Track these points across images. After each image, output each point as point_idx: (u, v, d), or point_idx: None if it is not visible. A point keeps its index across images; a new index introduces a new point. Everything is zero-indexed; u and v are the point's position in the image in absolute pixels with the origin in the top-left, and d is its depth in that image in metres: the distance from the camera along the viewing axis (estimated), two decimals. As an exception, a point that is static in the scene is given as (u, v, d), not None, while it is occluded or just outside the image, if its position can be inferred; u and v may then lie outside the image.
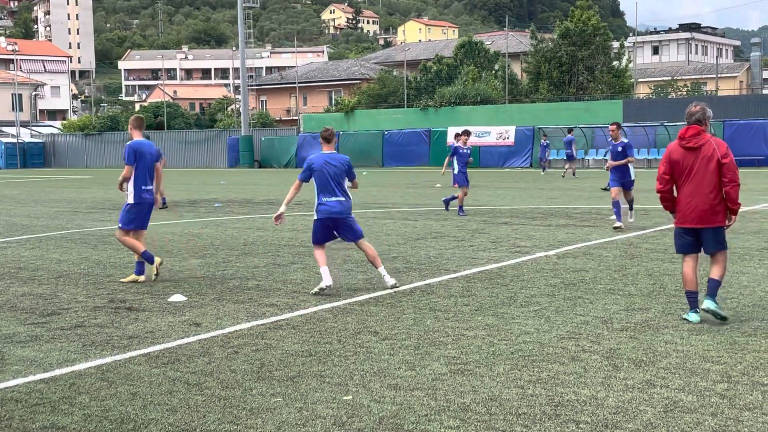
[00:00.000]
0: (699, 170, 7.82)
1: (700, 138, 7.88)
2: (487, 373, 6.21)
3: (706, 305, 7.73)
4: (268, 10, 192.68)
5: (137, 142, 10.79)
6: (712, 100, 52.24)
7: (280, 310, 8.68)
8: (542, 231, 15.55)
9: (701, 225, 7.86)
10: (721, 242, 7.92)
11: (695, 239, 7.97)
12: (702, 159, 7.82)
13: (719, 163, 7.76)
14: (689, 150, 7.91)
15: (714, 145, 7.84)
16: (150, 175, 10.82)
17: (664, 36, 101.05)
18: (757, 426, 4.99)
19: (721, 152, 7.79)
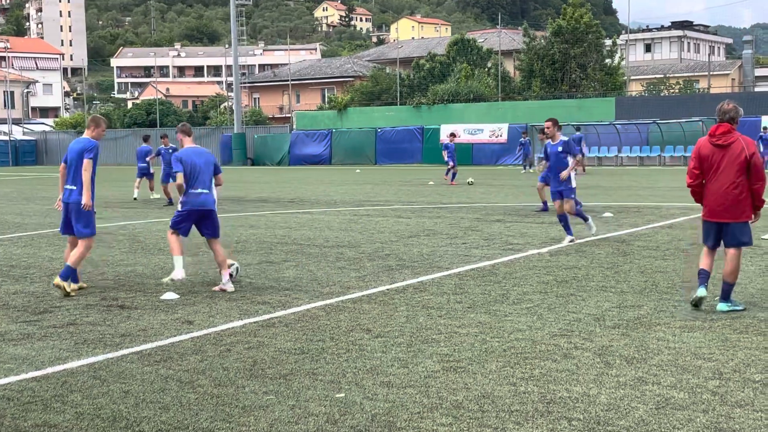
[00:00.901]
0: (726, 167, 8.09)
1: (730, 136, 8.14)
2: (479, 370, 6.22)
3: (720, 308, 8.10)
4: (261, 8, 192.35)
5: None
6: (704, 98, 52.35)
7: (273, 307, 8.68)
8: (535, 228, 15.56)
9: (726, 220, 8.18)
10: (743, 237, 8.20)
11: (718, 233, 8.30)
12: (730, 156, 8.08)
13: (747, 161, 8.02)
14: (718, 147, 8.16)
15: (743, 144, 8.10)
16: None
17: (657, 34, 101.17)
18: (748, 423, 5.01)
19: (749, 151, 8.05)
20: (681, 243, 13.07)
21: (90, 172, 9.82)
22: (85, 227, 9.84)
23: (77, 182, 9.83)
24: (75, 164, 9.88)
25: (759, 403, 5.36)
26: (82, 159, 9.80)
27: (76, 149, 9.91)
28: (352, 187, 30.94)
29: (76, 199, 9.80)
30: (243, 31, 66.64)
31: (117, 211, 21.29)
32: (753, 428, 4.92)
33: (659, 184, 28.84)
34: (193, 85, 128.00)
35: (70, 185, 9.89)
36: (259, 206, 22.32)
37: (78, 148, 9.91)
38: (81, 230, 9.82)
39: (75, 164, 9.88)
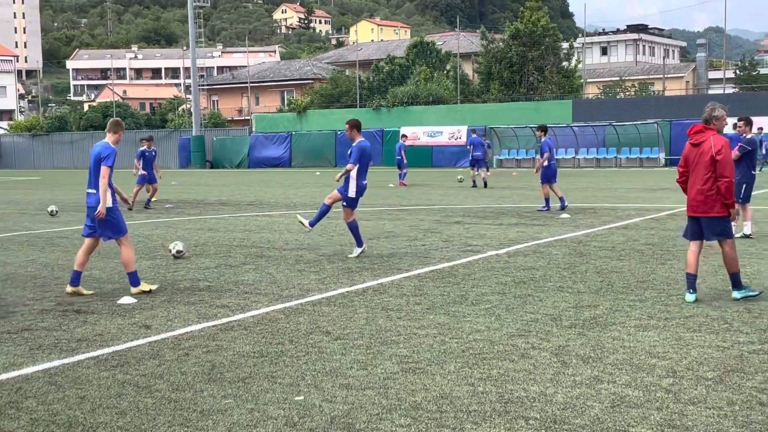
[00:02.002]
0: (698, 165, 8.70)
1: (703, 135, 8.74)
2: (438, 371, 6.26)
3: (735, 296, 8.66)
4: (219, 10, 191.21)
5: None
6: (659, 101, 53.16)
7: (232, 311, 8.64)
8: (493, 230, 15.68)
9: (698, 214, 8.74)
10: (719, 232, 8.68)
11: (698, 227, 8.83)
12: (701, 154, 8.68)
13: (713, 159, 8.54)
14: (693, 146, 8.82)
15: (711, 143, 8.62)
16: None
17: (613, 37, 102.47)
18: (701, 420, 5.11)
19: (715, 149, 8.56)
20: (636, 243, 13.26)
21: (107, 179, 9.70)
22: (113, 230, 9.74)
23: (95, 186, 9.74)
24: (93, 168, 9.83)
25: (711, 400, 5.46)
26: (99, 164, 9.71)
27: (94, 153, 9.84)
28: (312, 189, 30.89)
29: (96, 203, 9.68)
30: (201, 33, 66.14)
31: (73, 215, 21.01)
32: (705, 425, 5.01)
33: (615, 186, 29.21)
34: (150, 87, 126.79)
35: (90, 189, 9.85)
36: (218, 209, 22.19)
37: (95, 152, 9.82)
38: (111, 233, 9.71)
39: (93, 168, 9.83)
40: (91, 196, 9.76)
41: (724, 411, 5.24)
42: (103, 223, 9.66)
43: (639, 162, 47.23)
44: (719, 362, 6.33)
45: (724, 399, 5.47)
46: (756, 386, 5.72)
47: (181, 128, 67.70)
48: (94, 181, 9.73)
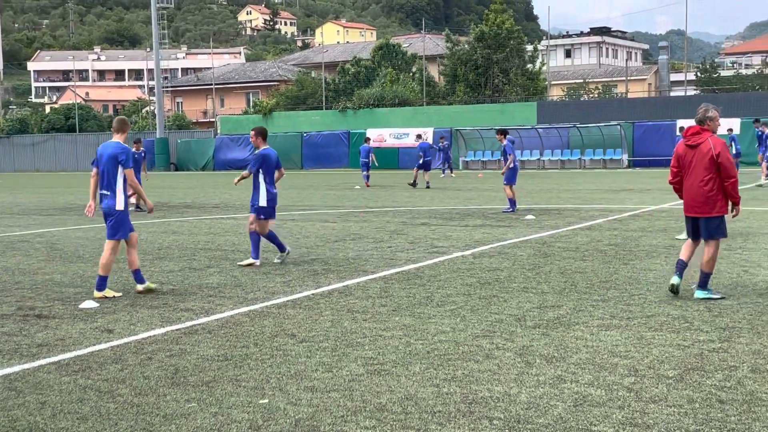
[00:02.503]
0: (696, 165, 8.80)
1: (700, 137, 8.85)
2: (403, 372, 6.27)
3: (697, 295, 8.77)
4: (183, 11, 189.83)
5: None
6: (622, 103, 53.71)
7: (196, 314, 8.58)
8: (459, 231, 15.74)
9: (697, 214, 8.89)
10: (714, 231, 8.84)
11: (695, 227, 9.02)
12: (699, 155, 8.78)
13: (713, 160, 8.68)
14: (690, 147, 8.92)
15: (710, 144, 8.74)
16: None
17: (576, 39, 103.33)
18: (662, 417, 5.17)
19: (716, 151, 8.70)
20: (599, 244, 13.38)
21: (134, 179, 9.76)
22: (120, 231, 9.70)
23: (110, 187, 9.64)
24: (107, 169, 9.67)
25: (672, 398, 5.53)
26: (115, 165, 9.63)
27: (108, 154, 9.67)
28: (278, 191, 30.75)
29: (110, 204, 9.64)
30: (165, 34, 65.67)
31: (34, 219, 20.75)
32: (666, 423, 5.08)
33: (579, 187, 29.45)
34: (113, 89, 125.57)
35: (104, 190, 9.73)
36: (182, 212, 22.03)
37: (110, 153, 9.66)
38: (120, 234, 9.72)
39: (107, 169, 9.67)
40: (104, 198, 9.70)
41: (684, 409, 5.31)
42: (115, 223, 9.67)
43: (603, 163, 47.67)
44: (680, 361, 6.41)
45: (684, 397, 5.54)
46: (715, 384, 5.80)
47: (144, 130, 67.11)
48: (107, 182, 9.67)
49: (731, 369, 6.16)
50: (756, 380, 5.87)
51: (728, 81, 69.53)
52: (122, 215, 9.70)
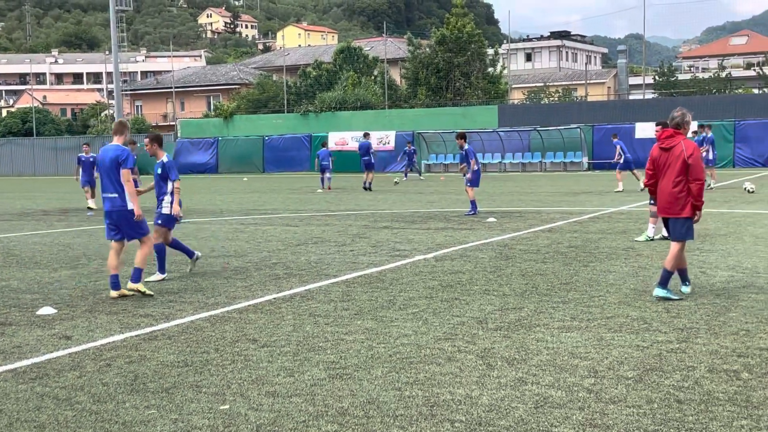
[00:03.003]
0: (669, 168, 9.05)
1: (674, 140, 9.09)
2: (365, 376, 6.26)
3: (655, 293, 8.92)
4: (143, 14, 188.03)
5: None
6: (582, 106, 54.23)
7: (156, 320, 8.50)
8: (421, 234, 15.77)
9: (668, 215, 9.18)
10: (683, 233, 9.06)
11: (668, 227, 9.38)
12: (672, 158, 9.03)
13: (685, 162, 8.91)
14: (664, 150, 9.15)
15: (683, 147, 9.00)
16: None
17: (537, 43, 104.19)
18: (621, 418, 5.22)
19: (687, 152, 8.95)
20: (560, 246, 13.49)
21: (131, 182, 9.88)
22: (140, 229, 10.01)
23: (117, 189, 9.80)
24: (109, 172, 9.81)
25: (631, 399, 5.58)
26: (116, 167, 9.77)
27: (110, 157, 9.85)
28: (239, 195, 30.62)
29: (121, 205, 9.79)
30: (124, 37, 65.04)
31: (-9, 224, 20.41)
32: (626, 423, 5.13)
33: (540, 190, 29.68)
34: (71, 92, 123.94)
35: (109, 192, 9.88)
36: (142, 216, 21.77)
37: (111, 156, 9.84)
38: (138, 233, 9.99)
39: (109, 172, 9.81)
40: (109, 200, 9.85)
41: (643, 409, 5.36)
42: (128, 223, 9.84)
43: (563, 166, 48.09)
44: (639, 362, 6.48)
45: (643, 397, 5.60)
46: (674, 384, 5.87)
47: (103, 134, 66.34)
48: (111, 185, 9.82)
49: (689, 369, 6.24)
50: (713, 380, 5.95)
51: (685, 84, 70.54)
52: (133, 213, 9.88)
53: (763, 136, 43.41)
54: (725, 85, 69.25)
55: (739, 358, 6.52)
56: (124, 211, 9.84)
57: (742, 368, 6.23)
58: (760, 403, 5.43)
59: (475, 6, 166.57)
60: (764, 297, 8.91)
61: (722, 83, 69.36)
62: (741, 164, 43.43)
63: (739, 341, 7.03)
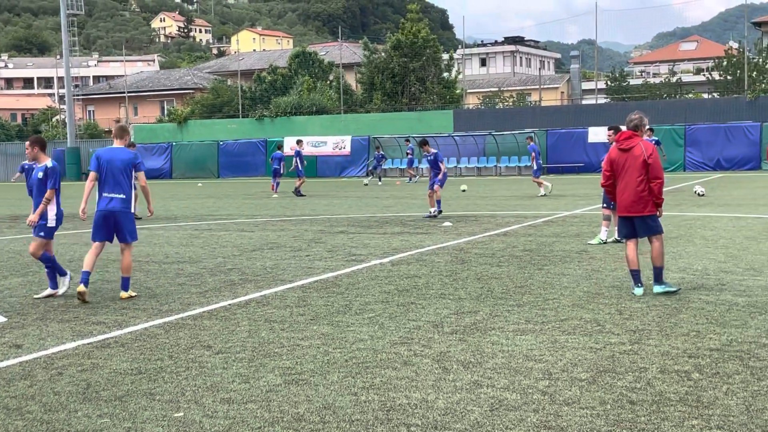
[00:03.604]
0: (630, 168, 9.40)
1: (632, 141, 9.46)
2: (321, 381, 6.24)
3: (655, 290, 9.32)
4: (95, 18, 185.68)
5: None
6: (535, 111, 54.80)
7: (109, 327, 8.38)
8: (377, 239, 15.78)
9: (632, 213, 9.44)
10: (653, 228, 9.45)
11: (632, 226, 9.55)
12: (632, 158, 9.39)
13: (645, 162, 9.30)
14: (623, 151, 9.49)
15: (642, 148, 9.39)
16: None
17: (491, 48, 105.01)
18: (575, 419, 5.27)
19: (647, 153, 9.34)
20: (515, 250, 13.60)
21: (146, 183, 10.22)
22: (134, 234, 10.22)
23: (123, 190, 9.91)
24: (119, 173, 9.91)
25: (585, 400, 5.64)
26: (128, 169, 9.99)
27: (121, 158, 9.97)
28: (193, 201, 30.37)
29: (125, 207, 9.96)
30: (75, 41, 64.09)
31: (-62, 232, 19.97)
32: (579, 425, 5.18)
33: (496, 194, 29.89)
34: (22, 97, 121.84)
35: (114, 193, 9.89)
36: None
37: (124, 158, 9.99)
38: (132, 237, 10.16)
39: (119, 173, 9.91)
40: (114, 200, 9.89)
41: (596, 410, 5.43)
42: (129, 226, 10.05)
43: (518, 170, 48.52)
44: (592, 363, 6.56)
45: (596, 399, 5.66)
46: (626, 386, 5.95)
47: (55, 140, 65.36)
48: (119, 185, 9.88)
49: (641, 370, 6.33)
50: (664, 381, 6.05)
51: (637, 89, 71.54)
52: (133, 217, 10.19)
53: (712, 141, 44.24)
54: (676, 90, 70.41)
55: (690, 358, 6.63)
56: (128, 212, 10.04)
57: (692, 369, 6.34)
58: (711, 403, 5.53)
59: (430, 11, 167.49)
60: (714, 298, 9.08)
61: (673, 88, 70.50)
62: (691, 168, 44.21)
63: (690, 342, 7.16)
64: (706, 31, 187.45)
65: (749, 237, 14.50)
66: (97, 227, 10.10)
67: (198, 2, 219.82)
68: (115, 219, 10.00)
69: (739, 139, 43.78)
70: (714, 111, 46.65)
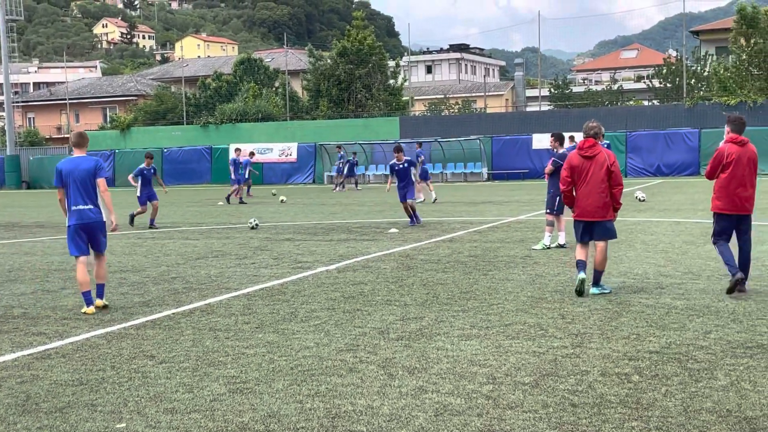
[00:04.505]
0: (594, 174, 9.69)
1: (595, 148, 9.78)
2: (266, 390, 6.22)
3: (592, 291, 9.75)
4: (35, 23, 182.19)
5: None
6: (481, 117, 55.25)
7: (49, 338, 8.24)
8: (324, 246, 15.76)
9: (596, 219, 9.77)
10: (610, 232, 9.88)
11: (589, 230, 9.86)
12: (596, 165, 9.70)
13: (608, 169, 9.65)
14: (586, 158, 9.77)
15: (605, 155, 9.76)
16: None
17: (437, 56, 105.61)
18: (518, 423, 5.34)
19: (610, 161, 9.71)
20: (460, 255, 13.70)
21: (108, 192, 9.87)
22: (106, 243, 10.06)
23: (91, 200, 9.73)
24: (85, 183, 9.68)
25: (528, 404, 5.72)
26: (92, 177, 9.73)
27: (83, 168, 9.71)
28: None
29: (97, 217, 9.77)
30: (15, 47, 62.88)
31: None
32: (522, 428, 5.24)
33: (442, 200, 30.05)
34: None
35: (82, 205, 9.65)
36: (35, 232, 21.11)
37: (86, 167, 9.72)
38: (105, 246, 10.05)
39: (85, 183, 9.68)
40: (83, 212, 9.65)
41: (539, 414, 5.50)
42: (102, 235, 9.88)
43: (464, 177, 48.86)
44: (535, 367, 6.64)
45: (539, 402, 5.74)
46: (568, 389, 6.04)
47: (-6, 147, 63.96)
48: (84, 196, 9.65)
49: (583, 373, 6.43)
50: (605, 383, 6.15)
51: (580, 97, 72.58)
52: (104, 226, 9.93)
53: (653, 147, 45.07)
54: (617, 97, 71.60)
55: (630, 361, 6.76)
56: (99, 222, 9.82)
57: (632, 371, 6.46)
58: (650, 405, 5.64)
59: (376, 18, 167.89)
60: (654, 301, 9.26)
61: (614, 95, 71.69)
62: (633, 174, 44.99)
63: (630, 345, 7.29)
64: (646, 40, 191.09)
65: (688, 241, 14.82)
66: (73, 242, 9.84)
67: (141, 8, 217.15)
68: (88, 230, 9.80)
69: (679, 146, 44.69)
70: (654, 118, 47.56)
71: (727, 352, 6.98)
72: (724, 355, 6.86)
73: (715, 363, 6.63)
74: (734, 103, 44.40)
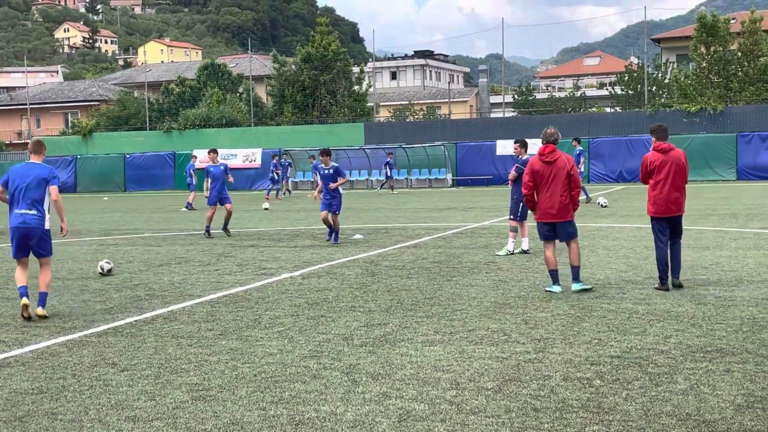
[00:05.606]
0: (555, 178, 10.25)
1: (555, 154, 10.35)
2: (229, 397, 6.19)
3: (574, 288, 10.25)
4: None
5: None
6: (445, 124, 55.48)
7: (8, 346, 8.12)
8: (288, 252, 15.72)
9: (557, 220, 10.33)
10: (573, 232, 10.45)
11: (552, 230, 10.43)
12: (557, 169, 10.26)
13: (568, 173, 10.24)
14: (547, 163, 10.31)
15: (565, 160, 10.32)
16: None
17: (401, 62, 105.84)
18: (481, 428, 5.36)
19: (570, 165, 10.29)
20: (424, 261, 13.74)
21: (60, 199, 9.89)
22: (49, 249, 9.97)
23: (37, 207, 9.69)
24: (34, 189, 9.69)
25: (491, 409, 5.75)
26: (43, 184, 9.74)
27: (35, 174, 9.76)
28: (99, 215, 29.65)
29: (40, 224, 9.71)
30: (-26, 50, 62.03)
31: None
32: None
33: (406, 206, 30.13)
34: None
35: (26, 209, 9.61)
36: (-6, 238, 20.78)
37: (38, 173, 9.76)
38: (48, 252, 9.95)
39: (34, 189, 9.69)
40: (27, 217, 9.63)
41: (502, 419, 5.53)
42: (44, 242, 9.81)
43: (428, 183, 49.02)
44: (498, 372, 6.68)
45: (502, 407, 5.77)
46: (531, 393, 6.08)
47: (-48, 152, 62.96)
48: (31, 203, 9.64)
49: (545, 378, 6.48)
50: (567, 388, 6.21)
51: (543, 103, 73.18)
52: (49, 233, 9.89)
53: (615, 153, 45.57)
54: (580, 104, 72.36)
55: (592, 366, 6.83)
56: (41, 229, 9.76)
57: (594, 376, 6.53)
58: (611, 409, 5.70)
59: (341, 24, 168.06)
60: (615, 306, 9.36)
61: (577, 102, 72.44)
62: (595, 180, 45.44)
63: (592, 350, 7.36)
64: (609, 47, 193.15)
65: (649, 247, 14.97)
66: (14, 244, 9.87)
67: (103, 12, 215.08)
68: (28, 235, 9.76)
69: (641, 152, 45.13)
70: (616, 124, 48.10)
71: (687, 356, 7.08)
72: (684, 360, 6.96)
73: (675, 367, 6.72)
74: (694, 110, 45.08)
